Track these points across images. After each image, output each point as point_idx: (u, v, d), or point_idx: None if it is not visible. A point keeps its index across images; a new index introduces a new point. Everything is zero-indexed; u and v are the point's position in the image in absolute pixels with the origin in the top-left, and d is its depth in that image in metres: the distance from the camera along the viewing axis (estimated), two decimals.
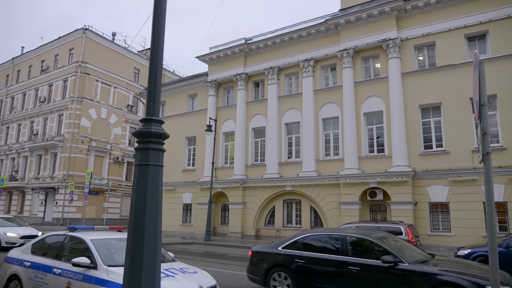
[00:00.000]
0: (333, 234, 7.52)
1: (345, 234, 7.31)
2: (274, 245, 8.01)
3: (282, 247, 7.66)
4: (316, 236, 7.61)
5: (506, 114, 15.63)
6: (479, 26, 16.77)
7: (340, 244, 7.07)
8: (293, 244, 7.59)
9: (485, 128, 4.49)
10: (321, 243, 7.42)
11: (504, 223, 15.24)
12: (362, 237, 7.14)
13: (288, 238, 7.93)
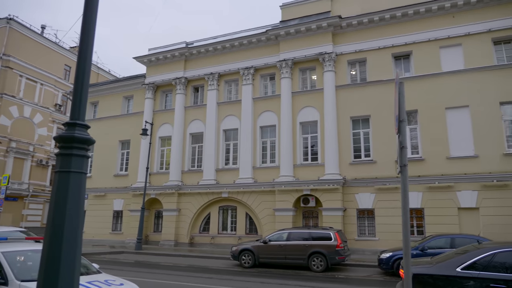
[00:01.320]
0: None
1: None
2: (444, 265, 6.15)
3: (462, 268, 5.86)
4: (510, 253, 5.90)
5: (425, 128, 17.11)
6: (404, 47, 18.24)
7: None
8: (480, 263, 5.87)
9: (403, 142, 4.86)
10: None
11: (421, 227, 16.59)
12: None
13: (466, 257, 6.09)
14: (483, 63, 16.75)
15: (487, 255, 5.87)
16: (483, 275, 5.62)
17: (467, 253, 6.14)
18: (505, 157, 15.75)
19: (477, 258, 5.90)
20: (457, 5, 17.32)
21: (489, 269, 5.67)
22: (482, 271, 5.68)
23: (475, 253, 6.02)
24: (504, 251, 5.85)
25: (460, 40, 17.33)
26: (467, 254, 6.11)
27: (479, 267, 5.74)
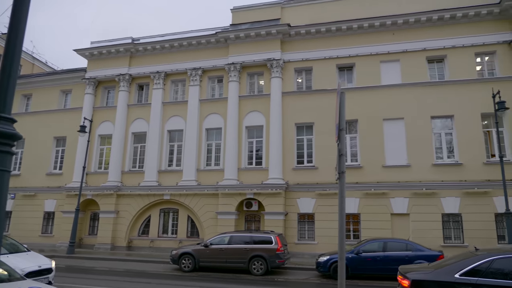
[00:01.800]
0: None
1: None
2: (443, 271, 6.19)
3: (461, 274, 5.91)
4: (509, 260, 5.99)
5: (364, 137, 18.00)
6: (348, 59, 19.08)
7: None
8: (478, 270, 5.89)
9: (342, 150, 5.07)
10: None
11: (357, 232, 17.37)
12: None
13: (464, 263, 6.14)
14: (417, 79, 18.01)
15: (485, 261, 5.92)
16: (481, 281, 5.68)
17: (466, 260, 6.19)
18: (433, 167, 17.02)
19: (475, 264, 5.94)
20: (397, 23, 18.48)
21: (487, 276, 5.72)
22: (480, 277, 5.73)
23: (473, 260, 6.06)
24: (502, 257, 5.94)
25: (398, 56, 18.49)
26: (466, 261, 6.15)
27: (477, 274, 5.78)
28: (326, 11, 19.71)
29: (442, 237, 16.41)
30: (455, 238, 16.52)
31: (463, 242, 16.20)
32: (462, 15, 17.80)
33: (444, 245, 16.08)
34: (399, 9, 18.65)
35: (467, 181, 16.53)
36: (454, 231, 16.58)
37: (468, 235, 16.12)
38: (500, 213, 15.92)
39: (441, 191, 16.68)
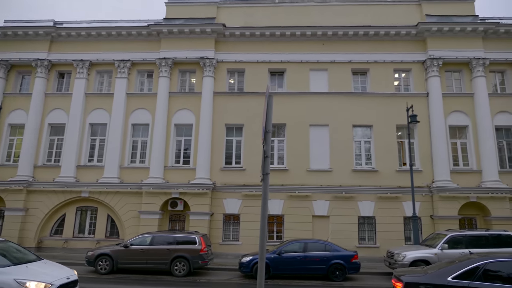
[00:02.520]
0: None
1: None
2: (436, 275, 6.33)
3: (453, 277, 6.06)
4: (504, 264, 6.15)
5: (292, 141, 18.59)
6: (280, 64, 19.57)
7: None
8: (471, 273, 6.04)
9: (267, 152, 5.13)
10: (506, 272, 6.05)
11: (281, 233, 17.84)
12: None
13: (457, 267, 6.30)
14: (343, 89, 19.06)
15: (477, 265, 6.07)
16: (473, 284, 5.82)
17: (459, 263, 6.39)
18: (353, 172, 18.12)
19: (468, 268, 6.09)
20: (326, 34, 19.38)
21: (480, 279, 5.87)
22: (472, 280, 5.87)
23: (466, 263, 6.24)
24: (494, 261, 6.12)
25: (326, 65, 19.40)
26: (459, 264, 6.34)
27: (469, 277, 5.92)
28: (261, 15, 20.02)
29: (358, 238, 17.52)
30: (369, 239, 17.73)
31: (375, 243, 17.46)
32: (384, 33, 19.23)
33: (358, 245, 17.18)
34: (329, 21, 19.58)
35: (381, 186, 17.85)
36: (368, 232, 17.81)
37: (380, 236, 17.42)
38: (408, 217, 17.44)
39: (359, 195, 17.82)
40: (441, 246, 12.95)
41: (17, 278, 6.41)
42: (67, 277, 7.25)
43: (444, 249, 12.88)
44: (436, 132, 18.09)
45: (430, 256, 12.87)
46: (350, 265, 13.22)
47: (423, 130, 18.46)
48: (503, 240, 13.19)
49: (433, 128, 18.24)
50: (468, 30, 18.80)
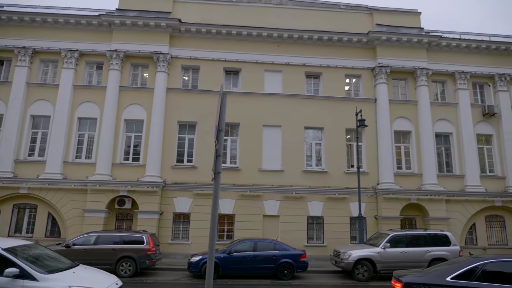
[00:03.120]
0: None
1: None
2: (435, 275, 6.30)
3: (452, 278, 6.03)
4: (503, 264, 6.15)
5: (245, 140, 18.63)
6: (235, 63, 19.54)
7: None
8: (469, 273, 6.01)
9: (219, 151, 5.08)
10: (506, 272, 6.05)
11: (231, 232, 17.82)
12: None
13: (456, 267, 6.28)
14: (296, 91, 19.42)
15: (476, 265, 6.08)
16: (472, 284, 5.83)
17: (457, 264, 6.43)
18: (303, 173, 18.52)
19: (467, 268, 6.10)
20: (282, 36, 19.64)
21: (478, 279, 5.88)
22: (471, 280, 5.89)
23: (464, 263, 6.25)
24: (492, 261, 6.14)
25: (281, 67, 19.66)
26: (457, 264, 6.37)
27: (468, 277, 5.93)
28: (218, 13, 19.87)
29: (306, 237, 17.93)
30: (317, 238, 18.22)
31: (323, 242, 17.97)
32: (337, 39, 19.85)
33: (307, 245, 17.59)
34: (285, 23, 19.86)
35: (330, 187, 18.40)
36: (316, 232, 18.29)
37: (328, 236, 17.96)
38: (354, 217, 18.12)
39: (308, 195, 18.24)
40: (384, 245, 13.59)
41: (72, 284, 6.00)
42: (115, 282, 6.85)
43: (387, 248, 13.53)
44: (382, 136, 18.97)
45: (373, 254, 13.46)
46: (298, 264, 13.49)
47: (371, 134, 19.28)
48: (439, 239, 14.11)
49: (379, 132, 19.11)
50: (414, 41, 19.91)
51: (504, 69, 20.69)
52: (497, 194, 19.02)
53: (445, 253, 13.68)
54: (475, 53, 20.72)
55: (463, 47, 20.51)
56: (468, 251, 17.46)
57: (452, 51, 20.60)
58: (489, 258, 6.29)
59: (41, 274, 5.94)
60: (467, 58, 20.62)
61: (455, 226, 18.31)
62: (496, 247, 18.78)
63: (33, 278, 5.79)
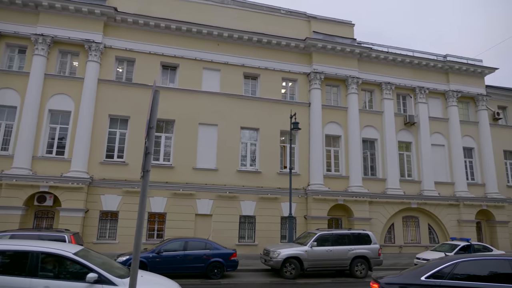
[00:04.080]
0: (495, 258, 6.44)
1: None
2: (410, 275, 6.45)
3: (426, 277, 6.17)
4: (475, 262, 6.32)
5: (180, 138, 18.29)
6: (173, 59, 19.09)
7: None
8: (443, 273, 6.17)
9: (149, 148, 4.92)
10: (483, 270, 6.17)
11: (162, 231, 17.39)
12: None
13: (430, 266, 6.43)
14: (234, 91, 19.51)
15: (449, 264, 6.29)
16: (445, 283, 6.04)
17: (432, 264, 6.63)
18: (238, 173, 18.66)
19: (440, 267, 6.29)
20: (222, 35, 19.61)
21: (451, 278, 6.08)
22: (444, 279, 6.09)
23: (438, 263, 6.47)
24: (465, 261, 6.35)
25: (220, 66, 19.62)
26: (431, 264, 6.57)
27: (441, 276, 6.14)
28: (157, 6, 19.29)
29: (238, 236, 18.09)
30: (248, 237, 18.46)
31: (254, 241, 18.25)
32: (276, 42, 20.29)
33: (238, 243, 17.74)
34: (226, 23, 19.86)
35: (263, 187, 18.76)
36: (248, 231, 18.53)
37: (259, 235, 18.28)
38: (285, 216, 18.66)
39: (242, 195, 18.42)
40: (311, 244, 14.16)
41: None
42: (178, 286, 6.85)
43: (314, 246, 14.11)
44: (314, 139, 19.77)
45: (301, 253, 13.96)
46: (228, 263, 13.56)
47: (304, 137, 19.99)
48: (361, 238, 15.03)
49: (312, 135, 19.88)
50: (347, 51, 21.02)
51: (424, 82, 22.67)
52: (413, 197, 20.76)
53: (366, 251, 14.62)
54: (400, 67, 22.44)
55: (390, 60, 22.11)
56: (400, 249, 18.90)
57: (381, 63, 22.11)
58: (461, 257, 6.53)
59: (118, 278, 6.01)
60: (393, 70, 22.27)
61: (376, 226, 19.64)
62: (411, 245, 20.49)
63: (111, 283, 5.88)
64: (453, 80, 23.24)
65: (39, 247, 6.03)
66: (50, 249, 6.05)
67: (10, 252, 5.97)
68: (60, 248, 6.20)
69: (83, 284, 5.76)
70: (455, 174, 22.05)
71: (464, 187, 21.83)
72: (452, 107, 22.93)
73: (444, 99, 23.31)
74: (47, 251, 6.00)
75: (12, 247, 6.07)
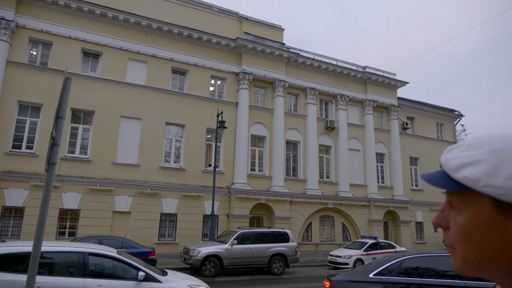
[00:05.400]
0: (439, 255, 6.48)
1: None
2: (359, 272, 6.68)
3: (374, 274, 6.31)
4: (419, 259, 6.54)
5: (99, 130, 17.25)
6: (96, 46, 17.96)
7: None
8: (390, 270, 6.32)
9: (56, 139, 4.56)
10: (427, 266, 6.38)
11: (75, 229, 16.27)
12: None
13: (378, 264, 6.60)
14: (161, 85, 18.94)
15: (395, 262, 6.46)
16: (391, 279, 6.20)
17: (381, 261, 6.82)
18: (160, 169, 18.16)
19: (387, 265, 6.44)
20: (151, 26, 18.94)
21: (397, 274, 6.26)
22: (390, 276, 6.25)
23: (385, 261, 6.68)
24: (410, 257, 6.54)
25: (147, 58, 18.92)
26: (380, 262, 6.77)
27: (388, 273, 6.31)
28: None
29: (158, 234, 17.60)
30: (169, 235, 18.07)
31: (175, 240, 17.91)
32: (207, 39, 20.14)
33: (158, 242, 17.28)
34: (156, 14, 19.22)
35: (186, 185, 18.50)
36: (169, 229, 18.13)
37: (180, 233, 17.99)
38: (207, 215, 18.58)
39: (164, 192, 17.97)
40: (232, 242, 14.28)
41: (190, 284, 6.74)
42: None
43: (234, 244, 14.25)
44: (240, 139, 19.99)
45: (221, 251, 14.02)
46: (146, 262, 13.10)
47: (230, 136, 20.11)
48: (280, 236, 15.53)
49: (238, 135, 20.08)
50: (276, 54, 21.60)
51: (345, 90, 24.17)
52: (330, 198, 22.02)
53: (284, 249, 15.15)
54: (324, 74, 23.65)
55: (315, 66, 23.20)
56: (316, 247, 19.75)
57: (307, 69, 23.09)
58: (408, 254, 6.79)
59: (162, 276, 6.48)
60: (318, 77, 23.40)
61: (295, 225, 20.46)
62: (326, 243, 21.71)
63: (157, 281, 6.31)
64: (370, 90, 25.11)
65: (87, 248, 6.32)
66: (100, 250, 6.38)
67: (60, 254, 6.10)
68: (106, 249, 6.59)
69: (132, 282, 6.09)
70: (368, 177, 23.85)
71: (375, 189, 23.70)
72: (368, 115, 24.77)
73: (361, 107, 25.07)
74: (96, 252, 6.27)
75: (63, 248, 6.32)
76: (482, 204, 0.66)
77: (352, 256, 16.79)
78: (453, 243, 0.70)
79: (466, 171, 0.66)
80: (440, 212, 0.75)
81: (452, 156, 0.70)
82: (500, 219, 0.64)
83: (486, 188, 0.64)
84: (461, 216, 0.68)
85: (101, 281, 5.94)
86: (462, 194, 0.68)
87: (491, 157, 0.65)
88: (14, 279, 5.44)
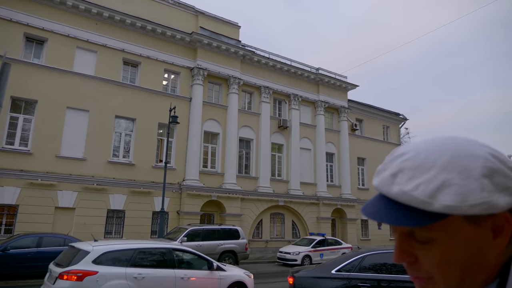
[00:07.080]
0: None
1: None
2: (322, 268, 6.87)
3: (336, 270, 6.51)
4: (380, 255, 6.67)
5: (42, 121, 16.23)
6: (41, 31, 16.83)
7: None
8: (352, 266, 6.54)
9: None
10: (387, 262, 6.47)
11: (12, 226, 15.24)
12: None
13: (340, 260, 6.81)
14: (111, 76, 18.21)
15: (356, 258, 6.65)
16: (352, 275, 6.42)
17: (343, 258, 7.03)
18: (108, 164, 17.49)
19: (349, 261, 6.62)
20: (102, 15, 18.14)
21: (358, 270, 6.45)
22: (351, 272, 6.45)
23: (348, 257, 6.87)
24: (371, 254, 6.71)
25: (97, 48, 18.11)
26: (342, 258, 6.99)
27: (349, 269, 6.51)
28: None
29: (104, 231, 16.95)
30: (116, 232, 17.47)
31: (121, 237, 17.33)
32: (161, 31, 19.66)
33: (104, 239, 16.60)
34: (108, 2, 18.43)
35: (136, 180, 17.98)
36: (116, 226, 17.54)
37: (128, 230, 17.43)
38: (157, 211, 18.16)
39: (111, 187, 17.33)
40: (181, 239, 14.10)
41: (244, 272, 8.76)
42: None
43: (184, 241, 14.07)
44: (193, 135, 19.75)
45: None
46: None
47: (182, 132, 19.80)
48: (231, 233, 15.60)
49: (191, 131, 19.83)
50: (231, 51, 21.57)
51: (298, 91, 24.68)
52: (281, 195, 22.40)
53: (234, 246, 15.22)
54: (279, 73, 23.99)
55: (270, 65, 23.46)
56: (266, 244, 19.96)
57: (262, 67, 23.29)
58: (369, 251, 6.96)
59: (224, 265, 8.54)
60: (272, 76, 23.69)
61: (246, 222, 20.60)
62: (276, 240, 22.07)
63: (222, 269, 8.13)
64: (322, 92, 25.84)
65: (171, 245, 8.09)
66: (180, 246, 8.44)
67: (154, 250, 7.63)
68: (181, 246, 8.73)
69: (207, 271, 7.84)
70: (317, 176, 24.55)
71: (324, 188, 24.46)
72: (320, 115, 25.49)
73: (314, 108, 25.74)
74: (179, 248, 8.20)
75: (155, 245, 7.90)
76: (457, 224, 0.61)
77: (301, 252, 17.23)
78: (432, 273, 0.64)
79: (443, 199, 0.59)
80: (399, 248, 0.67)
81: (411, 188, 0.61)
82: (478, 231, 0.61)
83: (472, 208, 0.58)
84: (437, 244, 0.62)
85: (185, 271, 7.56)
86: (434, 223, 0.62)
87: (455, 175, 0.60)
88: (125, 272, 6.73)
